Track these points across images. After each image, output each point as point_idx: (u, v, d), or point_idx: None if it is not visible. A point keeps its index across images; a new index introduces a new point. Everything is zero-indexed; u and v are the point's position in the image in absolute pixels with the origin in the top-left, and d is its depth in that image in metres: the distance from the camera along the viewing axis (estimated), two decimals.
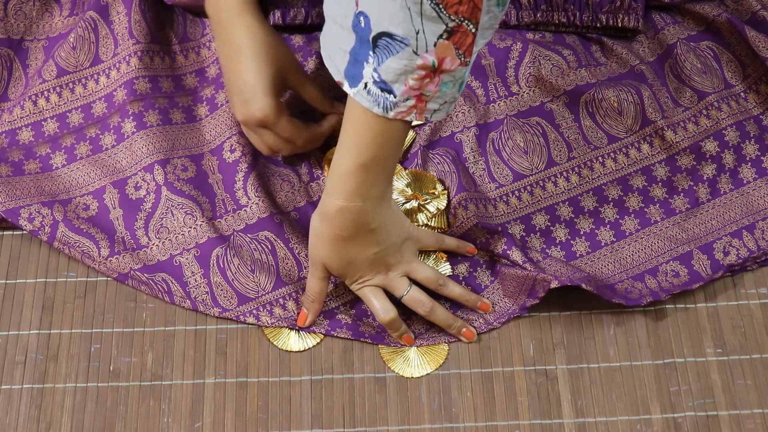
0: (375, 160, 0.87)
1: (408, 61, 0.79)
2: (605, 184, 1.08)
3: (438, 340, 1.00)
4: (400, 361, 0.99)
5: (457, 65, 0.80)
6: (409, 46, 0.78)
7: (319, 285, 0.98)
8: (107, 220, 1.04)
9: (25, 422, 0.96)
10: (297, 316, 1.00)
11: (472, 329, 1.00)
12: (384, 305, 0.98)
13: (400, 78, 0.80)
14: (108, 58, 1.10)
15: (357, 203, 0.90)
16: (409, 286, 0.99)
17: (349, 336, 1.00)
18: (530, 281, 0.99)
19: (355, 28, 0.80)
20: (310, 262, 0.98)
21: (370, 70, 0.81)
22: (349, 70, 0.83)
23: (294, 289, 1.02)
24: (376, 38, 0.78)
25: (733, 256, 1.04)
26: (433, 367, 0.99)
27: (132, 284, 1.02)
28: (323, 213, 0.93)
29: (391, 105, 0.82)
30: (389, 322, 0.98)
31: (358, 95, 0.83)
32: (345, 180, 0.89)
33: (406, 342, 1.00)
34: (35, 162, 1.08)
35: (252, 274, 1.01)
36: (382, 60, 0.79)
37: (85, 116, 1.09)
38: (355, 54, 0.81)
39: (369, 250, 0.95)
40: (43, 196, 1.05)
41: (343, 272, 0.97)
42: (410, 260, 0.99)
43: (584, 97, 1.09)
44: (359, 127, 0.86)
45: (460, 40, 0.78)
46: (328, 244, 0.95)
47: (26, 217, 1.03)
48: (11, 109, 1.10)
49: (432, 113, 0.84)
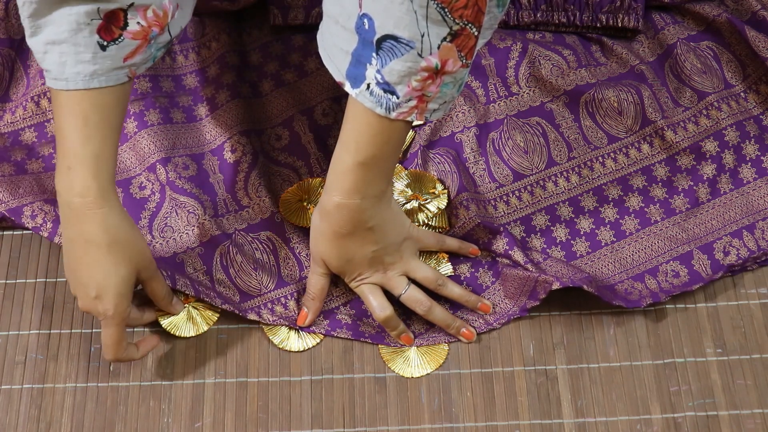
0: (374, 159, 0.87)
1: (412, 63, 0.79)
2: (605, 184, 1.08)
3: (438, 340, 1.00)
4: (400, 361, 0.99)
5: (458, 67, 0.81)
6: (414, 49, 0.78)
7: (320, 282, 0.99)
8: None
9: (25, 422, 0.96)
10: (297, 316, 1.00)
11: (472, 329, 1.00)
12: (380, 302, 0.98)
13: (404, 80, 0.80)
14: None
15: (355, 201, 0.90)
16: (407, 286, 0.99)
17: (349, 336, 1.00)
18: (531, 282, 0.99)
19: (358, 29, 0.80)
20: (311, 258, 0.99)
21: (373, 72, 0.81)
22: (350, 71, 0.83)
23: (296, 289, 1.02)
24: (381, 40, 0.79)
25: (733, 256, 1.04)
26: (433, 367, 0.99)
27: None
28: (322, 209, 0.93)
29: (393, 106, 0.82)
30: (385, 320, 0.98)
31: (361, 96, 0.83)
32: (344, 177, 0.89)
33: (405, 342, 1.00)
34: (38, 162, 1.08)
35: (255, 272, 1.01)
36: (385, 62, 0.79)
37: None
38: (358, 55, 0.81)
39: (367, 248, 0.95)
40: (46, 194, 1.05)
41: (342, 269, 0.97)
42: (409, 260, 0.99)
43: (584, 97, 1.09)
44: (359, 126, 0.86)
45: (463, 42, 0.79)
46: (327, 240, 0.95)
47: (29, 215, 1.03)
48: (13, 109, 1.10)
49: (432, 113, 0.84)
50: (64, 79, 0.85)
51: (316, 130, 1.10)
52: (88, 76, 0.85)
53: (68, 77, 0.85)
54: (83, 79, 0.85)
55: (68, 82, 0.85)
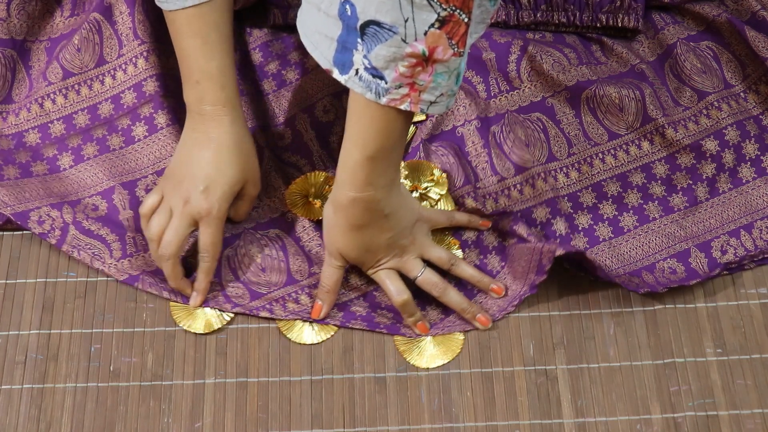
0: (382, 151, 0.88)
1: (396, 49, 0.79)
2: (604, 181, 1.08)
3: (453, 329, 1.00)
4: (416, 352, 0.99)
5: (450, 55, 0.80)
6: (397, 34, 0.78)
7: (335, 274, 0.99)
8: (117, 221, 1.04)
9: (25, 422, 0.96)
10: (311, 309, 1.01)
11: (488, 316, 1.00)
12: (398, 287, 0.99)
13: (390, 65, 0.80)
14: (113, 59, 1.10)
15: (369, 192, 0.91)
16: (423, 268, 1.00)
17: (364, 327, 1.00)
18: (537, 255, 0.99)
19: (341, 15, 0.80)
20: (326, 252, 0.99)
21: (360, 57, 0.81)
22: (337, 57, 0.83)
23: (306, 284, 1.02)
24: (364, 26, 0.79)
25: (730, 255, 1.05)
26: (449, 357, 0.99)
27: (142, 286, 1.01)
28: (336, 204, 0.94)
29: (383, 91, 0.82)
30: (403, 304, 0.99)
31: (350, 81, 0.83)
32: (354, 172, 0.90)
33: (421, 330, 1.00)
34: (42, 164, 1.08)
35: (263, 273, 1.02)
36: (371, 48, 0.79)
37: (91, 117, 1.09)
38: (343, 42, 0.81)
39: (384, 235, 0.96)
40: (52, 198, 1.05)
41: (361, 259, 0.99)
42: (423, 241, 1.00)
43: (585, 93, 1.09)
44: (364, 120, 0.86)
45: (453, 29, 0.78)
46: (344, 233, 0.96)
47: (36, 220, 1.03)
48: (17, 111, 1.10)
49: (428, 105, 0.84)
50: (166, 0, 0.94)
51: (318, 128, 1.10)
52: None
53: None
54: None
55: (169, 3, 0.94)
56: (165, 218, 0.98)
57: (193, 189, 0.97)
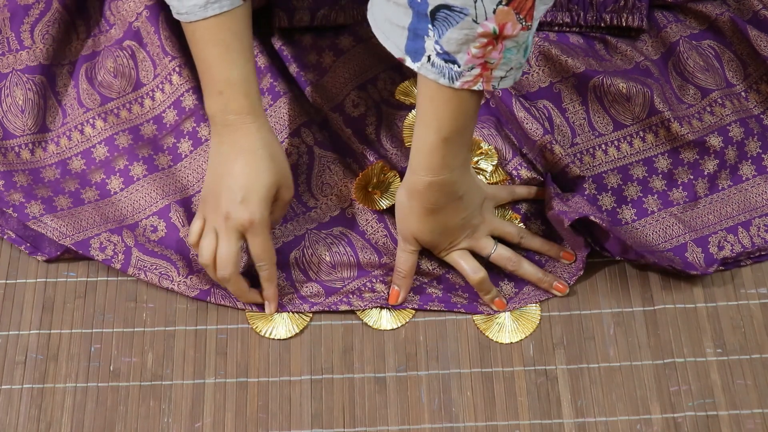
0: (457, 132, 0.89)
1: (469, 31, 0.80)
2: (605, 172, 1.08)
3: (529, 301, 1.02)
4: (495, 329, 1.00)
5: (518, 30, 0.81)
6: (468, 16, 0.79)
7: (411, 259, 1.01)
8: (178, 239, 1.04)
9: (25, 422, 0.96)
10: (387, 296, 1.02)
11: (564, 282, 1.02)
12: (473, 265, 1.00)
13: (462, 48, 0.81)
14: (149, 80, 1.09)
15: (444, 175, 0.92)
16: (495, 245, 1.01)
17: (442, 308, 1.01)
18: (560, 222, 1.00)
19: (411, 3, 0.81)
20: (400, 237, 1.00)
21: (432, 43, 0.82)
22: (409, 45, 0.84)
23: (379, 273, 1.03)
24: (434, 11, 0.79)
25: (727, 251, 1.05)
26: (528, 330, 1.00)
27: (214, 300, 1.01)
28: (411, 189, 0.95)
29: (456, 75, 0.83)
30: (479, 282, 1.00)
31: (423, 68, 0.84)
32: (430, 155, 0.91)
33: (498, 306, 1.01)
34: (92, 189, 1.07)
35: (334, 270, 1.03)
36: (442, 32, 0.80)
37: (133, 137, 1.08)
38: (414, 29, 0.82)
39: (458, 215, 0.98)
40: (109, 223, 1.04)
41: (435, 242, 1.00)
42: (492, 219, 1.02)
43: (593, 81, 1.09)
44: (436, 104, 0.87)
45: (520, 4, 0.79)
46: (419, 218, 0.97)
47: (97, 247, 1.03)
48: (56, 140, 1.09)
49: (499, 81, 0.85)
50: (185, 12, 0.93)
51: (352, 124, 1.09)
52: (202, 7, 0.92)
53: (188, 11, 0.92)
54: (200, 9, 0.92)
55: (189, 15, 0.93)
56: (212, 241, 0.97)
57: (231, 202, 0.95)
